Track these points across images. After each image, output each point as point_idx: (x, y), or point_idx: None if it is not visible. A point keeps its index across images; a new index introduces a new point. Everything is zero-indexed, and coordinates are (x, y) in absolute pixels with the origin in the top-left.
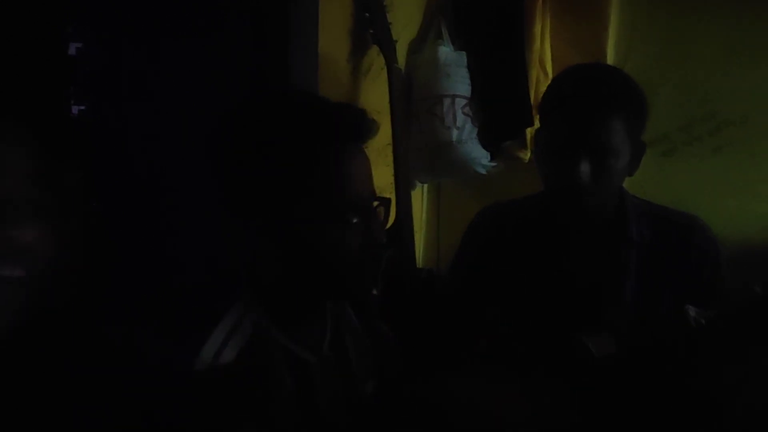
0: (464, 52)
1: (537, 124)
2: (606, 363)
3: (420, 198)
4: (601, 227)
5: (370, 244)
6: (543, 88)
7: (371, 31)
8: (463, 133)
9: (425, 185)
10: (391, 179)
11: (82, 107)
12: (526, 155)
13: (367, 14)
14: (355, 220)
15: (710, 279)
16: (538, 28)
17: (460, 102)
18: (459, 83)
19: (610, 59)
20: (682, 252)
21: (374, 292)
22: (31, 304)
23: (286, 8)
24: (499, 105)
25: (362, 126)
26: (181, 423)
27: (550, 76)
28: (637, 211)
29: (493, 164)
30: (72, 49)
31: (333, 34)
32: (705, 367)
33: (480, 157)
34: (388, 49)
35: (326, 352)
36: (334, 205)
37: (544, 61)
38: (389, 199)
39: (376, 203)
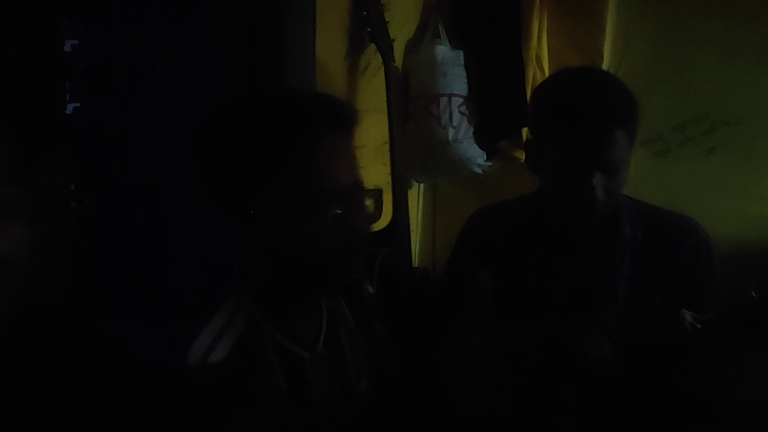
0: (461, 51)
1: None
2: (599, 364)
3: (416, 197)
4: (595, 228)
5: (352, 235)
6: None
7: (368, 29)
8: (460, 132)
9: (421, 184)
10: (388, 178)
11: (77, 104)
12: (522, 155)
13: (364, 12)
14: (337, 211)
15: (702, 279)
16: (535, 28)
17: (457, 101)
18: (456, 82)
19: (607, 59)
20: (675, 252)
21: (370, 290)
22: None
23: (283, 6)
24: (495, 104)
25: (336, 115)
26: (172, 418)
27: (547, 75)
28: (629, 211)
29: (489, 164)
30: (68, 45)
31: (330, 32)
32: (700, 368)
33: (476, 156)
34: (385, 48)
35: (321, 349)
36: (312, 196)
37: (541, 61)
38: (379, 191)
39: (363, 194)
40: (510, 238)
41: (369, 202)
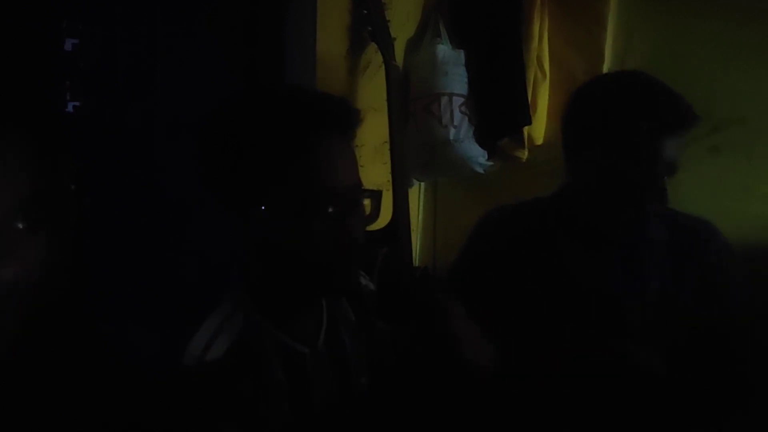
0: (462, 51)
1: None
2: (642, 370)
3: (417, 196)
4: (621, 228)
5: (344, 236)
6: (540, 87)
7: (369, 28)
8: (460, 131)
9: (422, 183)
10: (388, 177)
11: (77, 103)
12: (524, 154)
13: (365, 11)
14: (330, 210)
15: (720, 283)
16: (536, 27)
17: (458, 100)
18: (456, 81)
19: (608, 59)
20: (694, 255)
21: (371, 288)
22: (27, 304)
23: (283, 6)
24: (496, 103)
25: (338, 116)
26: (169, 417)
27: (548, 75)
28: (651, 214)
29: (490, 163)
30: (68, 45)
31: (331, 31)
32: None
33: (477, 155)
34: (385, 47)
35: (321, 346)
36: (308, 194)
37: (542, 60)
38: (378, 192)
39: (362, 195)
40: (528, 242)
41: (368, 203)
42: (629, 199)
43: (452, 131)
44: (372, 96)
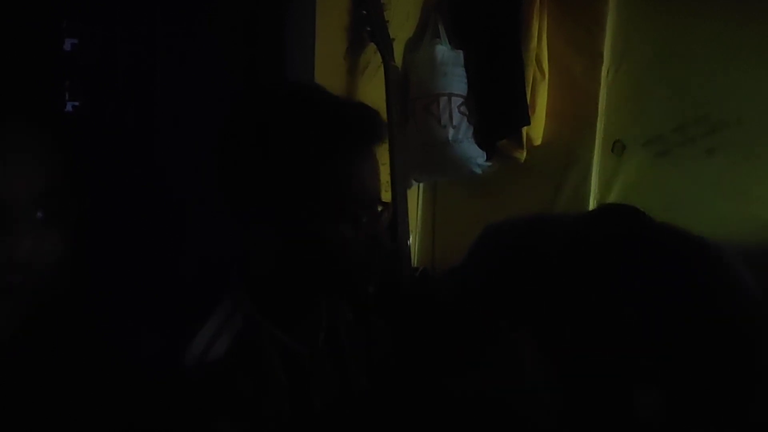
0: (461, 51)
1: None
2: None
3: (416, 197)
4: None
5: (376, 243)
6: (540, 87)
7: (368, 28)
8: (459, 131)
9: (421, 184)
10: (388, 178)
11: (77, 103)
12: (522, 155)
13: (364, 12)
14: (365, 219)
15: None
16: (535, 28)
17: (457, 101)
18: (455, 82)
19: (607, 59)
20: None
21: (370, 289)
22: (28, 307)
23: (283, 6)
24: (495, 104)
25: (380, 127)
26: (170, 417)
27: (547, 75)
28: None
29: (488, 164)
30: (68, 45)
31: (330, 31)
32: None
33: (476, 156)
34: (384, 47)
35: (321, 346)
36: (347, 202)
37: (541, 61)
38: (389, 203)
39: (380, 207)
40: (532, 253)
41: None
42: None
43: (451, 131)
44: (371, 97)
